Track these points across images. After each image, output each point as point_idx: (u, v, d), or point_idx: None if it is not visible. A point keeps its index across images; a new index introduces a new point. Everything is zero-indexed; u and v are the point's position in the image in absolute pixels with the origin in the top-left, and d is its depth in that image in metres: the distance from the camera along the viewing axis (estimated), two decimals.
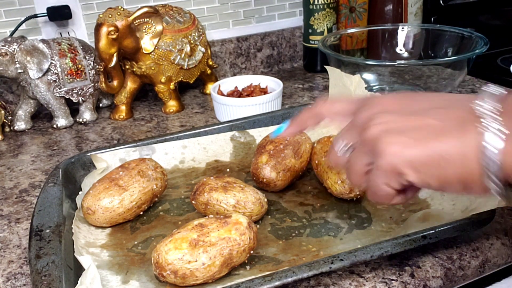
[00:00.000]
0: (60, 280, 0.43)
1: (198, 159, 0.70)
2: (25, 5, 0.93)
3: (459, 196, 0.53)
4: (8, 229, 0.59)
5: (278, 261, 0.49)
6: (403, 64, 0.82)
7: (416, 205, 0.56)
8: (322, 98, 0.42)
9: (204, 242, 0.45)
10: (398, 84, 0.92)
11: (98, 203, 0.54)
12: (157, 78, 0.89)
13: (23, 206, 0.64)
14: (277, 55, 1.16)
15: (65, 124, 0.88)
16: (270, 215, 0.58)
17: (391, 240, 0.45)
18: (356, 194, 0.57)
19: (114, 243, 0.54)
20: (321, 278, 0.47)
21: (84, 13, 0.97)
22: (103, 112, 0.95)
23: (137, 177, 0.57)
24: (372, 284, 0.46)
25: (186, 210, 0.60)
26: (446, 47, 0.93)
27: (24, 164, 0.76)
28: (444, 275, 0.47)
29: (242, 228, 0.46)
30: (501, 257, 0.50)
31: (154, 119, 0.91)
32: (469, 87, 0.94)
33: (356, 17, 1.10)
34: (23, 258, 0.53)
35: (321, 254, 0.50)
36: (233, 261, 0.46)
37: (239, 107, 0.81)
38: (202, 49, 0.94)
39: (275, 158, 0.61)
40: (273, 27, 1.16)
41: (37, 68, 0.83)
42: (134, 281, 0.47)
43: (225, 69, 1.12)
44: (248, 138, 0.73)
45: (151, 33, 0.85)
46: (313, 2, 1.03)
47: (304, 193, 0.62)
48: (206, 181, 0.56)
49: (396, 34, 1.00)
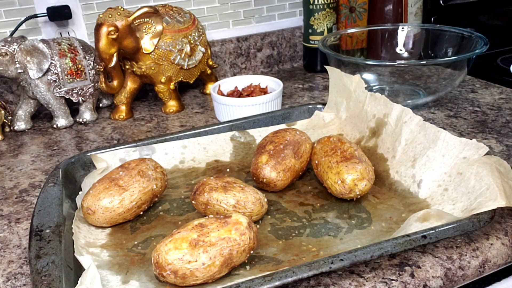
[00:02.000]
0: (60, 280, 0.43)
1: (198, 159, 0.70)
2: (25, 5, 0.93)
3: (459, 196, 0.53)
4: (8, 229, 0.59)
5: (278, 261, 0.49)
6: (403, 64, 0.82)
7: (416, 205, 0.56)
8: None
9: (204, 242, 0.45)
10: (398, 84, 0.92)
11: (98, 203, 0.54)
12: (157, 78, 0.89)
13: (23, 206, 0.64)
14: (277, 55, 1.16)
15: (65, 124, 0.88)
16: (270, 215, 0.58)
17: (391, 240, 0.45)
18: (356, 194, 0.57)
19: (114, 243, 0.54)
20: (321, 278, 0.47)
21: (84, 13, 0.97)
22: (103, 112, 0.95)
23: (137, 177, 0.57)
24: (372, 284, 0.46)
25: (186, 210, 0.60)
26: (446, 47, 0.93)
27: (24, 164, 0.76)
28: (444, 275, 0.47)
29: (242, 228, 0.46)
30: (501, 257, 0.50)
31: (154, 119, 0.91)
32: (469, 87, 0.94)
33: (356, 17, 1.10)
34: (23, 258, 0.53)
35: (321, 254, 0.50)
36: (233, 261, 0.46)
37: (239, 107, 0.81)
38: (202, 49, 0.94)
39: (275, 158, 0.61)
40: (273, 27, 1.16)
41: (37, 68, 0.83)
42: (134, 281, 0.47)
43: (225, 69, 1.12)
44: (248, 138, 0.73)
45: (151, 33, 0.85)
46: (313, 2, 1.03)
47: (304, 193, 0.62)
48: (206, 181, 0.56)
49: (396, 34, 1.00)
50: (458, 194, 0.53)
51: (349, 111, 0.71)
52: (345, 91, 0.72)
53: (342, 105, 0.73)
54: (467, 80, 0.98)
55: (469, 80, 0.98)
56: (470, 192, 0.51)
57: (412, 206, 0.56)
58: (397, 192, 0.60)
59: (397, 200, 0.58)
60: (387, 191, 0.61)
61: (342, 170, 0.57)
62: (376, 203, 0.58)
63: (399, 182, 0.61)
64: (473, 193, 0.51)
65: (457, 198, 0.53)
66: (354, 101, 0.70)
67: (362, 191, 0.57)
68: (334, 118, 0.75)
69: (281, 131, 0.65)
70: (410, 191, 0.59)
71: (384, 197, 0.60)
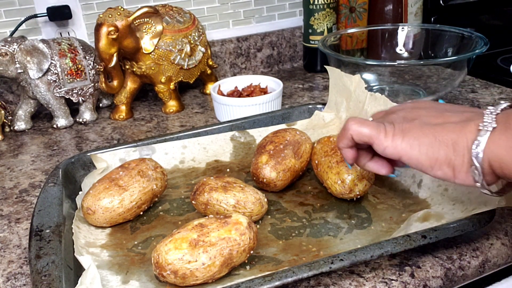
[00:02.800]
0: (60, 280, 0.43)
1: (198, 159, 0.70)
2: (25, 5, 0.93)
3: (459, 196, 0.53)
4: (8, 229, 0.59)
5: (278, 261, 0.49)
6: (403, 64, 0.82)
7: (416, 205, 0.56)
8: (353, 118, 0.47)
9: (204, 242, 0.45)
10: (398, 84, 0.92)
11: (98, 203, 0.54)
12: (157, 78, 0.89)
13: (23, 206, 0.64)
14: (277, 55, 1.16)
15: (65, 124, 0.88)
16: (270, 215, 0.58)
17: (391, 240, 0.45)
18: (356, 194, 0.57)
19: (114, 243, 0.54)
20: (321, 278, 0.47)
21: (84, 13, 0.97)
22: (103, 112, 0.95)
23: (137, 177, 0.57)
24: (372, 284, 0.46)
25: (186, 210, 0.60)
26: (446, 47, 0.93)
27: (24, 164, 0.76)
28: (444, 275, 0.47)
29: (242, 228, 0.46)
30: (501, 257, 0.50)
31: (154, 119, 0.90)
32: (469, 87, 0.94)
33: (356, 17, 1.10)
34: (23, 258, 0.53)
35: (321, 254, 0.50)
36: (233, 261, 0.46)
37: (239, 107, 0.81)
38: (202, 49, 0.94)
39: (275, 158, 0.61)
40: (273, 27, 1.16)
41: (37, 68, 0.83)
42: (134, 281, 0.47)
43: (225, 69, 1.12)
44: (248, 138, 0.73)
45: (151, 33, 0.85)
46: (313, 2, 1.03)
47: (304, 193, 0.62)
48: (206, 181, 0.56)
49: (396, 34, 1.00)
50: (458, 194, 0.53)
51: (349, 111, 0.71)
52: (345, 91, 0.72)
53: (342, 105, 0.73)
54: (467, 80, 0.98)
55: (469, 80, 0.98)
56: (470, 192, 0.51)
57: (412, 206, 0.56)
58: (397, 192, 0.60)
59: (397, 200, 0.58)
60: (387, 191, 0.61)
61: (342, 170, 0.57)
62: (376, 203, 0.58)
63: (399, 182, 0.61)
64: (473, 193, 0.51)
65: (457, 198, 0.53)
66: (354, 101, 0.70)
67: (362, 191, 0.57)
68: (334, 118, 0.74)
69: (281, 131, 0.65)
70: (410, 191, 0.59)
71: (384, 197, 0.60)
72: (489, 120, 0.39)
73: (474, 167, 0.39)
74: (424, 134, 0.41)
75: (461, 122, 0.40)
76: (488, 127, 0.38)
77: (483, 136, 0.38)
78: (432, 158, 0.41)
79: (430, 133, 0.41)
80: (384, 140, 0.43)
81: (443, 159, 0.40)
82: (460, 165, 0.40)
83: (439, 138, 0.40)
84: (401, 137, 0.42)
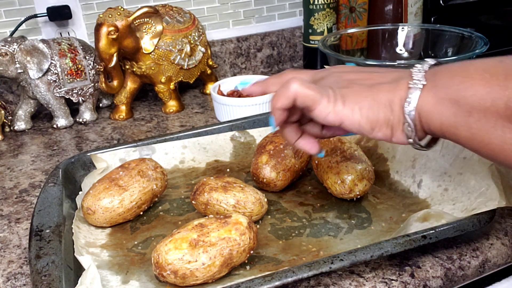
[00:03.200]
0: (60, 280, 0.43)
1: (198, 159, 0.70)
2: (25, 5, 0.93)
3: (459, 196, 0.53)
4: (8, 229, 0.59)
5: (278, 261, 0.49)
6: (403, 64, 0.82)
7: (416, 205, 0.56)
8: (291, 69, 0.46)
9: (204, 242, 0.45)
10: None
11: (98, 203, 0.54)
12: (157, 78, 0.89)
13: (23, 206, 0.64)
14: (277, 55, 1.16)
15: (65, 124, 0.88)
16: (270, 215, 0.58)
17: (391, 240, 0.45)
18: (356, 194, 0.57)
19: (114, 243, 0.54)
20: (321, 278, 0.47)
21: (84, 13, 0.97)
22: (103, 112, 0.95)
23: (137, 177, 0.57)
24: (372, 284, 0.46)
25: (186, 210, 0.60)
26: (446, 47, 0.93)
27: (24, 164, 0.76)
28: (444, 275, 0.47)
29: (242, 228, 0.46)
30: (501, 257, 0.50)
31: (154, 119, 0.90)
32: None
33: (356, 17, 1.10)
34: (23, 258, 0.53)
35: (321, 254, 0.50)
36: (233, 261, 0.46)
37: (239, 107, 0.81)
38: (202, 49, 0.94)
39: (275, 158, 0.61)
40: (273, 27, 1.16)
41: (37, 68, 0.83)
42: (134, 281, 0.47)
43: (225, 69, 1.12)
44: (248, 138, 0.73)
45: (151, 33, 0.85)
46: (313, 2, 1.03)
47: (304, 193, 0.62)
48: (206, 181, 0.56)
49: (396, 34, 1.00)
50: (458, 194, 0.53)
51: None
52: None
53: None
54: None
55: None
56: (470, 192, 0.51)
57: (412, 206, 0.56)
58: (397, 192, 0.60)
59: (397, 200, 0.58)
60: (387, 191, 0.61)
61: (342, 170, 0.57)
62: (376, 203, 0.58)
63: (399, 182, 0.61)
64: (473, 193, 0.51)
65: (457, 198, 0.53)
66: None
67: (362, 191, 0.57)
68: None
69: None
70: (410, 191, 0.59)
71: (384, 197, 0.60)
72: (419, 77, 0.39)
73: (407, 124, 0.40)
74: (363, 97, 0.41)
75: (393, 81, 0.41)
76: (418, 85, 0.39)
77: (413, 94, 0.39)
78: (373, 120, 0.41)
79: (368, 96, 0.41)
80: (327, 106, 0.42)
81: (382, 120, 0.41)
82: (397, 124, 0.41)
83: (377, 99, 0.41)
84: (341, 103, 0.41)
